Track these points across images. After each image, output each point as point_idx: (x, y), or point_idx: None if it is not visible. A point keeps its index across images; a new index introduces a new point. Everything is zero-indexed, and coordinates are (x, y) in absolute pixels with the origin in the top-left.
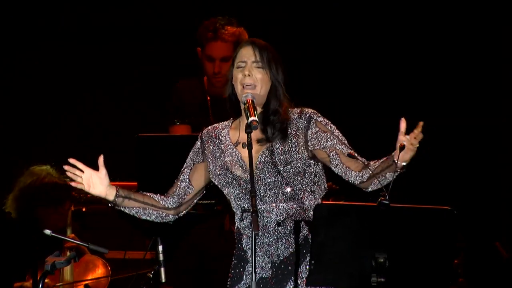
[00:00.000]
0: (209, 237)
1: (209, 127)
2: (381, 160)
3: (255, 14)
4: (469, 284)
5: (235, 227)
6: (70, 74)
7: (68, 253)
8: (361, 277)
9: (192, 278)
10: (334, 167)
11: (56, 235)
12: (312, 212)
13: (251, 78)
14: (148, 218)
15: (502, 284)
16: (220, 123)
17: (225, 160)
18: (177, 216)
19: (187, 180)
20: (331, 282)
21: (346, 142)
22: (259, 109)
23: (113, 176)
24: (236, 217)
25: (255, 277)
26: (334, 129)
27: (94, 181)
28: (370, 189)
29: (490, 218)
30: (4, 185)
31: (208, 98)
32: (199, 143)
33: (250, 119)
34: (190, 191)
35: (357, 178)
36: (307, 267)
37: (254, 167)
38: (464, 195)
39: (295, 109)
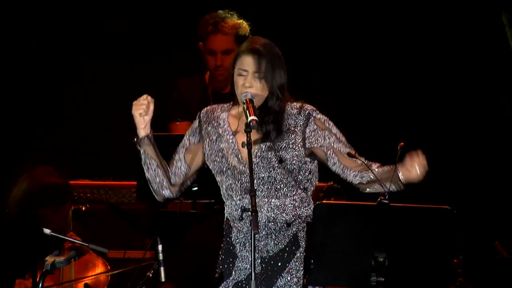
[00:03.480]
0: (209, 236)
1: (208, 108)
2: (385, 169)
3: (254, 13)
4: (468, 284)
5: (225, 218)
6: (69, 73)
7: (68, 253)
8: (361, 276)
9: (192, 277)
10: (332, 166)
11: (55, 234)
12: (303, 209)
13: (252, 89)
14: (152, 177)
15: (501, 283)
16: (219, 105)
17: (221, 147)
18: (171, 196)
19: (183, 159)
20: (331, 281)
21: (344, 140)
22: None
23: (113, 175)
24: (226, 207)
25: (254, 275)
26: (332, 126)
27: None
28: (367, 191)
29: (490, 218)
30: (5, 185)
31: (210, 94)
32: (197, 123)
33: (250, 118)
34: (186, 171)
35: (356, 178)
36: (297, 263)
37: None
38: (464, 194)
39: (295, 103)
